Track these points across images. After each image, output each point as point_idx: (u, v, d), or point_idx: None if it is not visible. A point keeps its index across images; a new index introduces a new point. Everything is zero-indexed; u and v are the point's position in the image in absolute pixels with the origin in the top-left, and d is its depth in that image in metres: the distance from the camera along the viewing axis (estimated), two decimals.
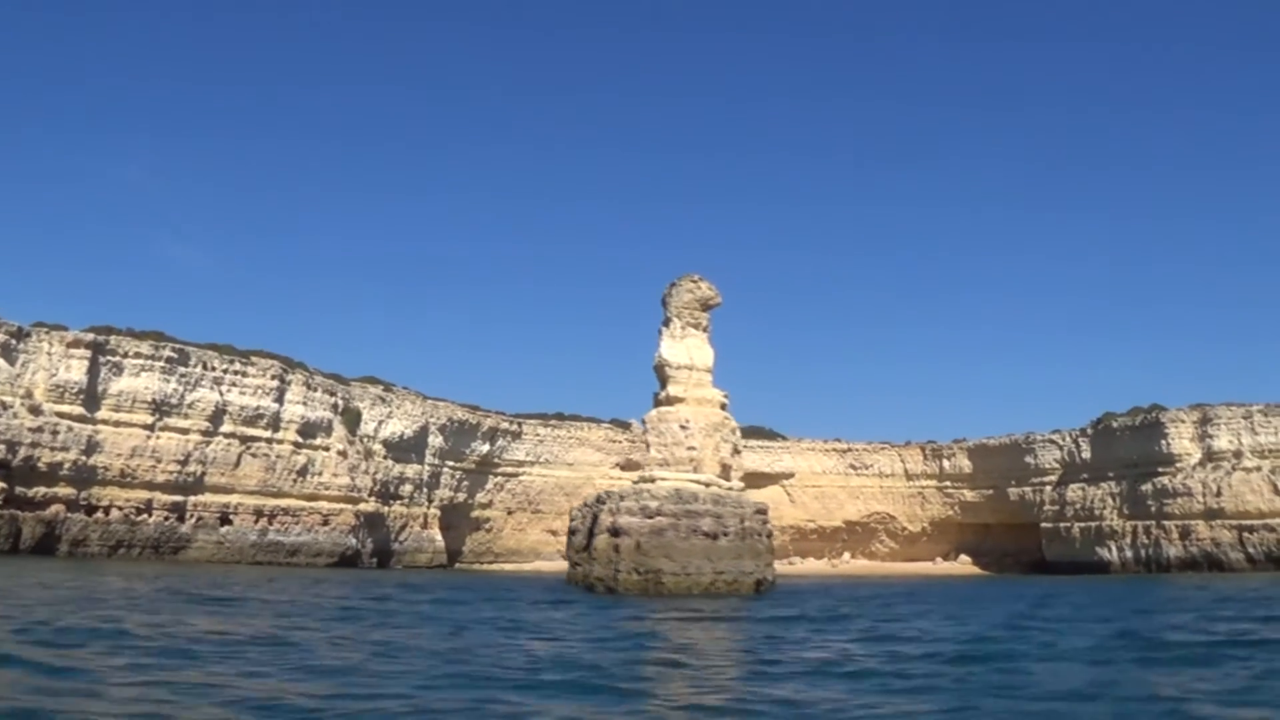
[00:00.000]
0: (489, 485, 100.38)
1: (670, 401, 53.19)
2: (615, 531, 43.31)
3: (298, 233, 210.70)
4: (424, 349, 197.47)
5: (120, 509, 73.83)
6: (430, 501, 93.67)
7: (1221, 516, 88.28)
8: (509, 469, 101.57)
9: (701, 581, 41.81)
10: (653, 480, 48.14)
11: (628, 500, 43.83)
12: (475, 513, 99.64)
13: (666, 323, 54.85)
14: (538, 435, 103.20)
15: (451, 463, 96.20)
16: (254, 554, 78.07)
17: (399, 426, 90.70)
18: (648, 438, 52.85)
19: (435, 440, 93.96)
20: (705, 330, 55.03)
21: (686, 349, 54.01)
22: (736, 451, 54.66)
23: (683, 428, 51.85)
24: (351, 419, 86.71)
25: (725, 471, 53.23)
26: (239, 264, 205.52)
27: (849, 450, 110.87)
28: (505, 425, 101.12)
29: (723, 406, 54.57)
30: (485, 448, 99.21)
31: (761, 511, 49.46)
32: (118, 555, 72.03)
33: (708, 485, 48.75)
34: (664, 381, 54.03)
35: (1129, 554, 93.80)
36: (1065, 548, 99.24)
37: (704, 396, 53.67)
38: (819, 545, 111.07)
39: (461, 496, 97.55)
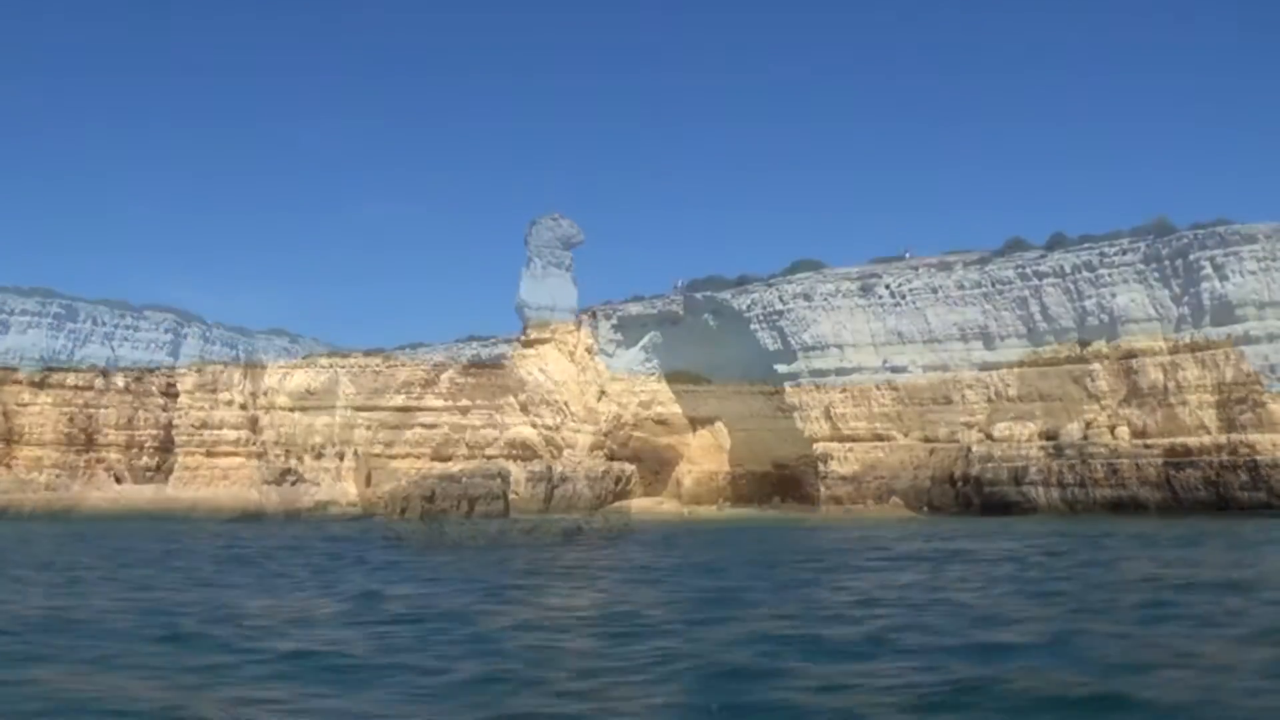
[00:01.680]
0: (407, 435, 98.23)
1: (532, 344, 51.49)
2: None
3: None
4: (346, 305, 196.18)
5: (9, 468, 72.28)
6: (342, 455, 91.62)
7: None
8: (428, 418, 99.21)
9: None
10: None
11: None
12: (394, 464, 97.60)
13: (528, 263, 52.99)
14: (457, 383, 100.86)
15: (366, 414, 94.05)
16: (150, 510, 76.40)
17: (306, 378, 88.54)
18: (507, 381, 51.18)
19: (347, 391, 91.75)
20: (568, 269, 53.19)
21: (548, 289, 52.21)
22: (603, 393, 53.03)
23: (542, 370, 50.17)
24: (254, 371, 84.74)
25: (590, 414, 51.64)
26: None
27: (776, 393, 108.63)
28: (422, 374, 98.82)
29: (588, 349, 52.90)
30: (401, 398, 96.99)
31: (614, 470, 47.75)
32: (8, 516, 70.50)
33: (557, 429, 47.10)
34: (525, 323, 52.30)
35: (1055, 495, 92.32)
36: (993, 488, 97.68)
37: (567, 338, 51.93)
38: (750, 490, 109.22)
39: (378, 448, 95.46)
